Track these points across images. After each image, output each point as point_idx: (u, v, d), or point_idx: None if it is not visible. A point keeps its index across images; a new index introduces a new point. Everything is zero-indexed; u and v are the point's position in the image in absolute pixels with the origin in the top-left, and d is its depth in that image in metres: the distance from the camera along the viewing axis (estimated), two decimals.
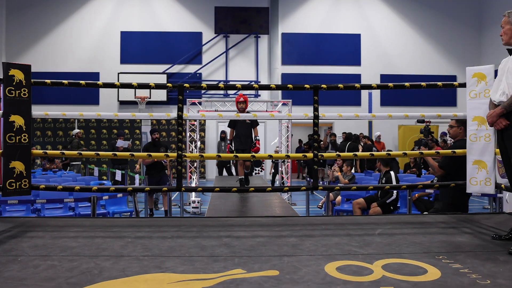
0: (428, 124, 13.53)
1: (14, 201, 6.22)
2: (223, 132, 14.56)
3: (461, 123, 5.72)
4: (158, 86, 5.13)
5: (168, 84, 4.93)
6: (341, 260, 3.31)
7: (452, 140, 6.04)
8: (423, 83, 4.95)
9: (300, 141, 20.01)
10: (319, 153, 4.87)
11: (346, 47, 19.49)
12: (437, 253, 3.53)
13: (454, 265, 3.19)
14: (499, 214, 5.57)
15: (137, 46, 19.05)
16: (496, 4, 18.33)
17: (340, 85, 4.84)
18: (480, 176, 4.74)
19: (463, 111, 5.06)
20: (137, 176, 10.00)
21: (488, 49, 18.86)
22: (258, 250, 3.60)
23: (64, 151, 5.24)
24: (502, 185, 4.84)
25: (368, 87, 4.92)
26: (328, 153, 13.54)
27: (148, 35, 19.08)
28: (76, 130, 13.58)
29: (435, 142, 11.88)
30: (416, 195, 7.94)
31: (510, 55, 3.84)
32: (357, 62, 19.49)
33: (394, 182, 7.66)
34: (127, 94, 17.82)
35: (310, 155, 4.92)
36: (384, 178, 7.88)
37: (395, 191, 7.63)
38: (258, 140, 7.20)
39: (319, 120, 4.78)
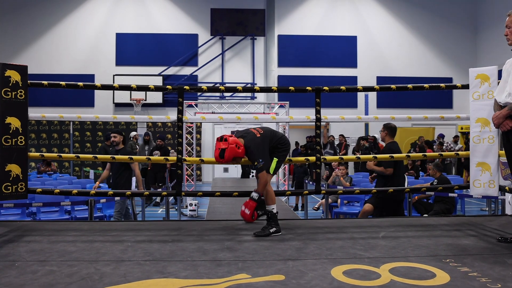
0: (364, 144, 13.58)
1: (9, 205, 6.11)
2: (146, 135, 13.44)
3: (385, 127, 6.31)
4: (158, 88, 5.05)
5: (168, 86, 4.86)
6: (347, 264, 3.25)
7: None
8: (425, 85, 4.90)
9: (296, 143, 19.96)
10: (321, 157, 4.81)
11: (343, 49, 19.46)
12: (444, 256, 3.47)
13: (462, 269, 3.14)
14: (501, 216, 5.53)
15: (132, 48, 18.94)
16: (492, 6, 18.35)
17: (342, 87, 4.78)
18: (484, 178, 4.68)
19: (459, 113, 5.02)
20: (133, 179, 9.89)
21: (484, 51, 18.87)
22: (262, 254, 3.53)
23: (61, 154, 5.15)
24: (507, 187, 4.80)
25: (371, 89, 4.87)
26: (329, 156, 13.49)
27: (144, 36, 18.98)
28: (134, 133, 13.33)
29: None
30: (416, 197, 7.90)
31: None
32: (353, 64, 19.46)
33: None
34: (123, 96, 17.70)
35: (312, 158, 4.85)
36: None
37: None
38: None
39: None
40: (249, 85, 18.74)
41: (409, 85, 4.84)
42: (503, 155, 4.55)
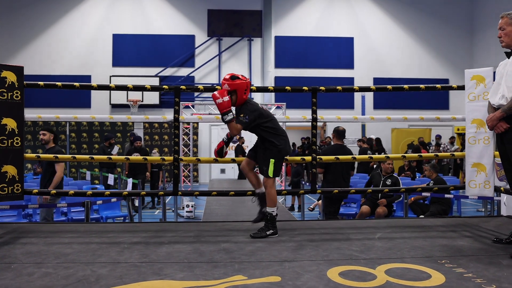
0: (304, 142, 13.67)
1: (5, 206, 6.10)
2: (132, 135, 12.86)
3: (334, 131, 6.74)
4: (154, 88, 5.05)
5: (164, 86, 4.85)
6: (343, 265, 3.25)
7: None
8: (421, 86, 4.92)
9: (293, 144, 19.97)
10: (317, 157, 4.82)
11: (339, 51, 19.50)
12: (439, 257, 3.48)
13: (457, 270, 3.15)
14: (497, 217, 5.55)
15: (129, 49, 18.93)
16: (488, 8, 18.42)
17: (339, 87, 4.79)
18: (479, 179, 4.70)
19: (455, 114, 5.03)
20: (129, 180, 9.89)
21: (480, 53, 18.93)
22: (258, 256, 3.53)
23: (58, 155, 5.15)
24: (502, 188, 4.82)
25: (367, 89, 4.88)
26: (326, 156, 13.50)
27: (141, 37, 18.98)
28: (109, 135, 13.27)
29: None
30: (412, 198, 7.91)
31: (509, 58, 3.81)
32: (350, 65, 19.50)
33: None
34: (119, 97, 17.68)
35: (308, 158, 4.86)
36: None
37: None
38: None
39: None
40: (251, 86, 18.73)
41: (405, 86, 4.85)
42: (499, 156, 4.58)
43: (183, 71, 19.02)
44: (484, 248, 3.77)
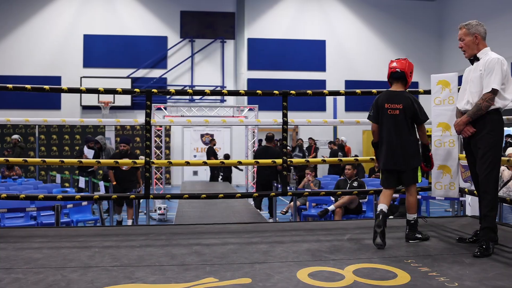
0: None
1: None
2: (97, 143, 10.91)
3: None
4: (126, 92, 5.05)
5: (135, 90, 4.85)
6: (312, 266, 3.32)
7: None
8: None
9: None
10: (288, 159, 4.89)
11: (312, 53, 19.69)
12: (405, 257, 3.59)
13: (422, 269, 3.25)
14: (462, 217, 5.72)
15: (100, 50, 18.70)
16: (457, 13, 18.92)
17: (309, 91, 4.88)
18: (445, 180, 4.86)
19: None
20: (101, 183, 9.79)
21: (449, 57, 19.37)
22: (229, 258, 3.58)
23: (27, 159, 5.09)
24: (466, 189, 4.98)
25: (337, 93, 4.99)
26: (297, 158, 13.61)
27: (112, 38, 18.78)
28: (16, 136, 12.95)
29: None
30: None
31: (472, 65, 3.96)
32: (322, 68, 19.71)
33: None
34: (90, 99, 17.44)
35: (279, 161, 4.93)
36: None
37: None
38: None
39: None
40: (218, 88, 18.78)
41: (374, 90, 4.99)
42: (463, 158, 4.74)
43: (156, 73, 18.90)
44: (448, 248, 3.90)
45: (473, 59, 3.93)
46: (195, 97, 18.62)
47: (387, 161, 4.12)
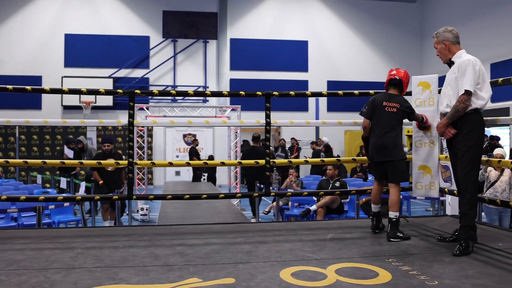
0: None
1: None
2: (79, 142, 10.09)
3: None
4: (108, 92, 5.03)
5: (118, 90, 4.83)
6: (295, 266, 3.36)
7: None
8: (371, 91, 5.11)
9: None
10: (270, 160, 4.92)
11: (294, 54, 19.76)
12: (387, 256, 3.65)
13: (403, 268, 3.31)
14: (442, 216, 5.82)
15: (82, 49, 18.51)
16: (438, 14, 19.16)
17: (292, 93, 4.92)
18: (425, 180, 4.93)
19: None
20: (83, 184, 9.71)
21: (430, 57, 19.60)
22: (213, 258, 3.59)
23: (8, 160, 5.03)
24: (446, 189, 5.07)
25: (319, 94, 5.04)
26: (280, 159, 13.66)
27: (94, 38, 18.60)
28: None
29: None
30: (364, 199, 8.14)
31: (450, 68, 4.06)
32: (304, 68, 19.81)
33: None
34: (72, 99, 17.21)
35: (262, 161, 4.96)
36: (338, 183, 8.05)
37: None
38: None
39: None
40: (201, 88, 18.75)
41: (356, 91, 5.05)
42: (443, 158, 4.83)
43: (138, 73, 18.78)
44: (429, 247, 3.98)
45: (450, 63, 4.04)
46: (177, 97, 18.55)
47: (374, 154, 4.49)
